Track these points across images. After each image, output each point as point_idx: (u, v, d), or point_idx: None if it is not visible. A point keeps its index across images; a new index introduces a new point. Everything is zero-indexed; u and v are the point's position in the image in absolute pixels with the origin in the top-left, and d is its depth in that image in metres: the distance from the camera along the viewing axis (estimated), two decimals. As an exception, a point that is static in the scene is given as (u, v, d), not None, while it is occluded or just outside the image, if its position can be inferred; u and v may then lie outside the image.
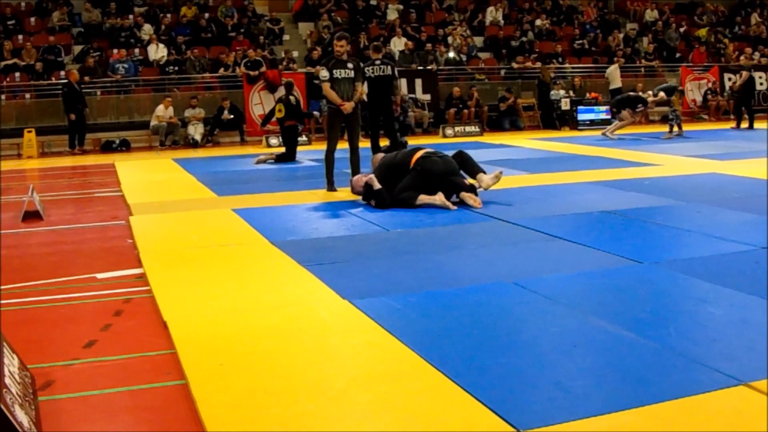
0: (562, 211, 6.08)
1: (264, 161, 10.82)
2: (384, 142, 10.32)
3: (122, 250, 5.34)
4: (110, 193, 8.36)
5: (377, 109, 9.62)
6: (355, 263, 4.51)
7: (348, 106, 7.42)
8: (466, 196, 6.44)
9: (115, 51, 15.40)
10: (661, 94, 13.28)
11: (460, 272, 4.23)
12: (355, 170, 7.60)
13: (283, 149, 11.33)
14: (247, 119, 15.31)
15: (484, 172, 6.73)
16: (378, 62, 9.55)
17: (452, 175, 6.45)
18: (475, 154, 7.72)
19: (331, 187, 7.58)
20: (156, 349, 3.28)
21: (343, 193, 7.46)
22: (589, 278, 4.01)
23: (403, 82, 16.02)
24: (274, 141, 13.78)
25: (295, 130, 11.12)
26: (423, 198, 6.37)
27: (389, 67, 9.58)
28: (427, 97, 16.49)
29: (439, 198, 6.31)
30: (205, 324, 3.49)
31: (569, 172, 8.59)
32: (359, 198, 6.86)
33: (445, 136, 14.82)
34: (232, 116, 14.75)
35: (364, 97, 9.16)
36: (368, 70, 9.28)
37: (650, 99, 13.36)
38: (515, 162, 9.81)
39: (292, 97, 11.33)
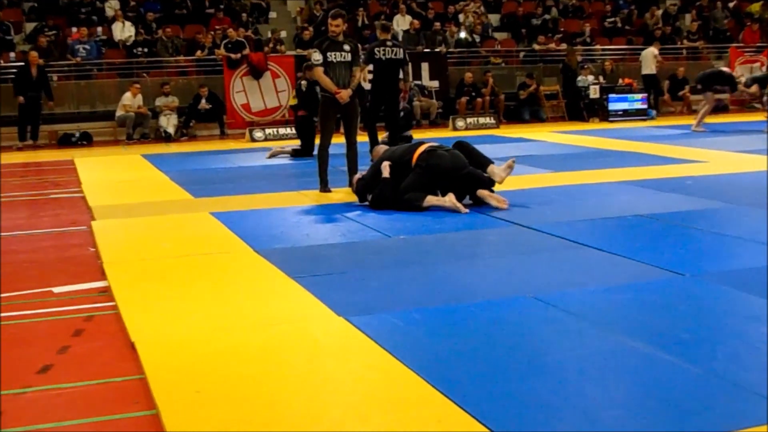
0: (591, 215, 6.09)
1: (276, 154, 10.85)
2: (381, 135, 10.35)
3: (83, 260, 5.35)
4: (69, 195, 8.38)
5: (382, 98, 9.65)
6: (353, 275, 4.52)
7: (344, 94, 7.43)
8: (487, 195, 6.46)
9: (75, 29, 15.43)
10: (755, 87, 12.92)
11: (473, 285, 4.24)
12: (353, 168, 7.61)
13: (297, 142, 11.28)
14: (228, 109, 15.37)
15: (493, 164, 6.75)
16: (389, 43, 9.55)
17: (463, 170, 6.47)
18: (491, 150, 7.75)
19: (324, 187, 7.60)
20: (122, 375, 3.29)
21: (339, 194, 7.48)
22: (622, 292, 4.02)
23: (407, 67, 16.07)
24: (258, 134, 13.83)
25: (308, 121, 10.97)
26: (430, 199, 6.39)
27: (401, 50, 9.60)
28: (435, 83, 16.53)
29: (449, 199, 6.33)
30: (178, 345, 3.50)
31: (599, 170, 8.59)
32: (357, 200, 6.88)
33: (455, 128, 14.86)
34: (210, 106, 14.80)
35: (365, 84, 9.20)
36: (378, 52, 9.33)
37: (741, 86, 12.97)
38: (536, 159, 9.83)
39: (304, 82, 11.14)
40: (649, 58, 16.48)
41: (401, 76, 9.85)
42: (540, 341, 3.40)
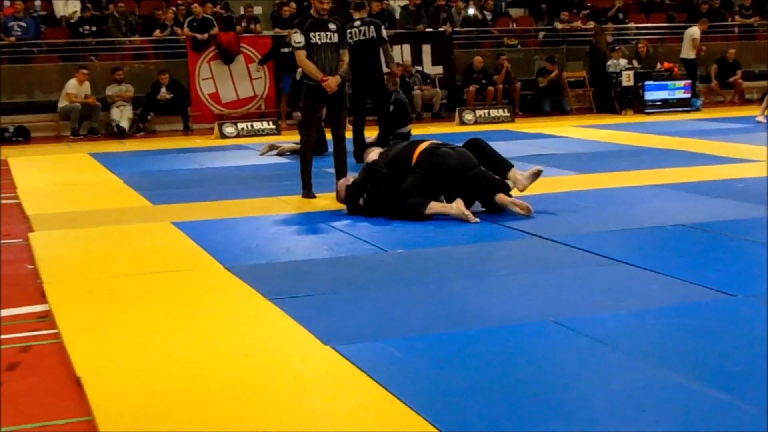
0: (624, 224, 6.11)
1: (269, 151, 10.85)
2: (372, 133, 10.38)
3: (19, 279, 5.34)
4: (1, 201, 8.38)
5: (363, 87, 9.67)
6: (341, 296, 4.53)
7: (332, 82, 7.45)
8: (508, 201, 6.48)
9: (7, 3, 15.43)
10: None
11: (485, 308, 4.25)
12: (341, 170, 7.64)
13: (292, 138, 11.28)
14: (193, 100, 15.42)
15: (515, 168, 6.78)
16: (358, 23, 9.61)
17: (472, 171, 6.50)
18: (504, 149, 7.77)
19: (308, 192, 7.62)
20: (65, 416, 3.29)
21: (325, 200, 7.49)
22: (661, 317, 4.03)
23: (406, 50, 16.16)
24: (229, 130, 13.86)
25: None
26: (434, 206, 6.41)
27: (372, 27, 9.62)
28: (439, 69, 16.60)
29: (456, 206, 6.35)
30: (133, 381, 3.50)
31: (633, 171, 8.63)
32: (348, 213, 6.88)
33: (462, 122, 14.92)
34: (171, 96, 14.84)
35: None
36: (348, 34, 9.36)
37: None
38: (559, 158, 9.86)
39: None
40: (687, 41, 16.54)
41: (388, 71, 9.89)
42: (564, 375, 3.40)
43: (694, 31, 16.57)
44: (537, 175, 6.72)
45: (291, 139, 11.71)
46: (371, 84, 9.65)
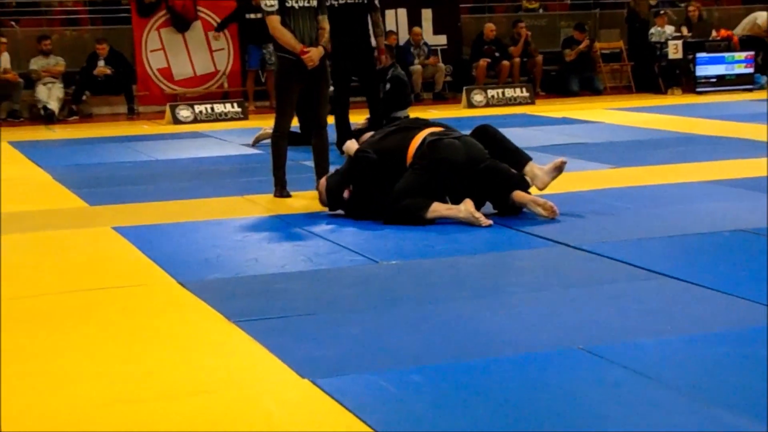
0: (669, 230, 6.13)
1: (262, 140, 10.72)
2: (359, 118, 10.38)
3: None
4: None
5: (348, 62, 9.69)
6: (322, 318, 4.53)
7: (314, 55, 7.45)
8: (529, 199, 6.48)
9: None
10: None
11: (498, 332, 4.25)
12: (322, 163, 7.64)
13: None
14: (139, 76, 15.42)
15: (533, 161, 6.78)
16: None
17: (481, 164, 6.51)
18: (522, 137, 7.76)
19: (281, 190, 7.63)
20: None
21: (302, 200, 7.50)
22: (717, 344, 4.03)
23: (402, 15, 16.20)
24: (185, 113, 13.87)
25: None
26: (437, 208, 6.42)
27: None
28: (442, 39, 16.64)
29: (464, 207, 6.35)
30: (65, 424, 3.49)
31: (681, 164, 8.68)
32: (329, 210, 6.90)
33: (471, 104, 14.96)
34: (112, 71, 14.82)
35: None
36: None
37: None
38: (590, 149, 9.88)
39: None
40: (749, 23, 16.47)
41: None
42: (596, 415, 3.40)
43: (761, 15, 16.44)
44: (560, 168, 6.69)
45: (262, 124, 11.71)
46: (359, 57, 9.64)
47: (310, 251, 5.90)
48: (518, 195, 6.51)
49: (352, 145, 6.98)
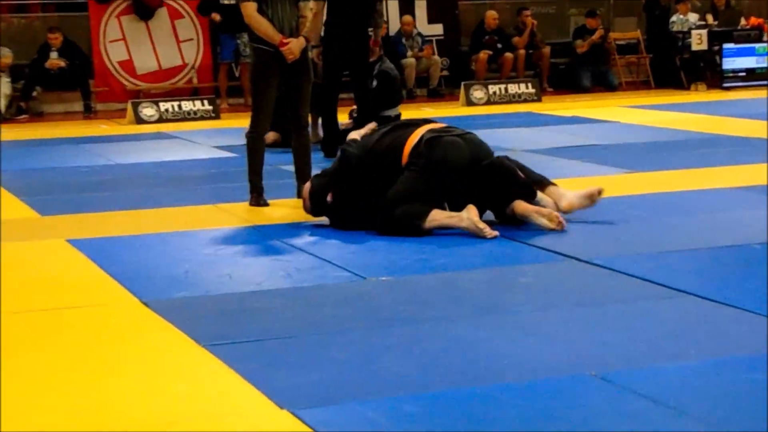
0: (693, 242, 6.15)
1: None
2: (342, 117, 10.38)
3: None
4: None
5: (341, 54, 9.73)
6: (304, 342, 4.53)
7: (294, 47, 7.46)
8: (532, 211, 6.44)
9: None
10: None
11: (502, 357, 4.25)
12: (304, 167, 7.65)
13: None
14: (97, 70, 15.38)
15: (554, 184, 6.73)
16: None
17: (485, 161, 6.52)
18: (526, 139, 7.73)
19: (258, 197, 7.63)
20: None
21: (281, 209, 7.50)
22: (744, 369, 4.02)
23: (392, 2, 16.19)
24: (149, 112, 13.85)
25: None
26: (437, 216, 6.42)
27: None
28: (438, 29, 16.66)
29: (467, 216, 6.35)
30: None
31: (706, 169, 8.69)
32: (316, 219, 6.91)
33: (470, 102, 14.97)
34: (66, 63, 14.81)
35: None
36: None
37: None
38: (603, 151, 9.89)
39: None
40: None
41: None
42: (611, 448, 3.41)
43: None
44: (593, 198, 6.57)
45: (235, 125, 11.70)
46: (353, 48, 9.64)
47: (290, 266, 5.90)
48: (519, 206, 6.47)
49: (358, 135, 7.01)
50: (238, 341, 4.53)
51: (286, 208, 7.45)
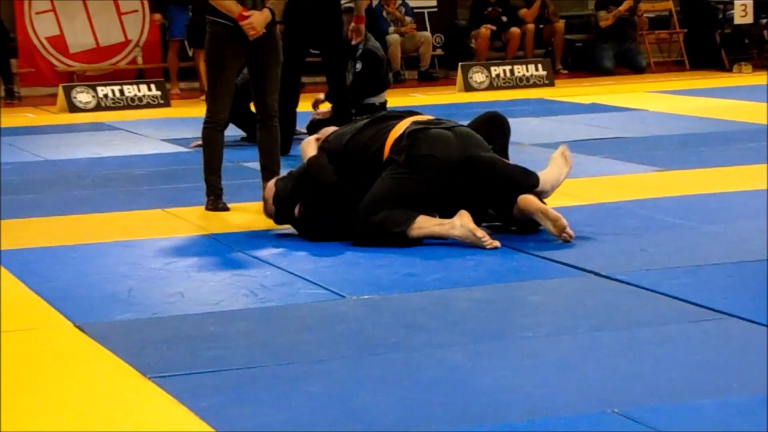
0: (731, 254, 6.14)
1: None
2: (307, 105, 10.38)
3: None
4: None
5: (310, 31, 9.74)
6: (271, 373, 4.52)
7: (257, 21, 7.46)
8: (533, 206, 6.39)
9: None
10: None
11: (506, 391, 4.25)
12: (271, 165, 7.66)
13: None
14: (21, 47, 15.34)
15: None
16: None
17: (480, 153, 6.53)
18: (536, 131, 7.69)
19: (216, 200, 7.63)
20: None
21: (243, 215, 7.50)
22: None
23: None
24: (85, 98, 13.82)
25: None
26: (424, 224, 6.42)
27: None
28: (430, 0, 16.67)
29: (460, 222, 6.35)
30: None
31: (748, 166, 8.70)
32: (281, 227, 6.92)
33: (469, 86, 14.98)
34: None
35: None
36: None
37: None
38: (628, 145, 9.91)
39: None
40: None
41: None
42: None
43: None
44: (564, 158, 6.66)
45: (189, 113, 11.68)
46: (320, 23, 9.64)
47: (254, 283, 5.89)
48: (524, 201, 6.44)
49: (308, 147, 6.93)
50: (191, 372, 4.52)
51: (249, 214, 7.45)
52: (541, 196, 6.59)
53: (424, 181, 6.48)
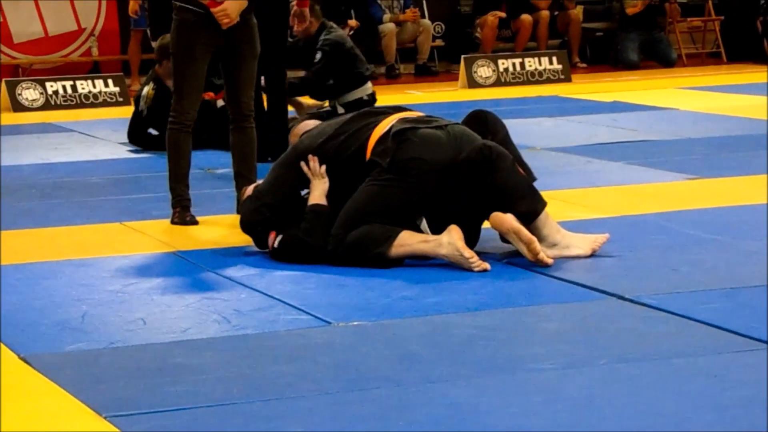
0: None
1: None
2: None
3: None
4: None
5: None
6: (247, 410, 4.52)
7: (230, 8, 7.47)
8: (505, 225, 6.34)
9: None
10: None
11: (515, 429, 4.26)
12: (245, 172, 7.69)
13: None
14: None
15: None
16: None
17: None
18: (549, 132, 7.69)
19: (182, 213, 7.64)
20: None
21: (214, 229, 7.51)
22: None
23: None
24: (31, 94, 13.83)
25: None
26: (407, 240, 6.44)
27: None
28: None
29: (448, 241, 6.36)
30: None
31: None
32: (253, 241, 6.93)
33: (474, 82, 15.00)
34: None
35: None
36: None
37: None
38: (656, 150, 9.93)
39: None
40: None
41: None
42: None
43: None
44: (596, 244, 6.52)
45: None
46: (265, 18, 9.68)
47: (226, 307, 5.89)
48: (497, 218, 6.37)
49: (296, 133, 6.99)
50: (154, 411, 4.51)
51: (221, 228, 7.46)
52: (532, 224, 6.48)
53: (409, 187, 6.47)
